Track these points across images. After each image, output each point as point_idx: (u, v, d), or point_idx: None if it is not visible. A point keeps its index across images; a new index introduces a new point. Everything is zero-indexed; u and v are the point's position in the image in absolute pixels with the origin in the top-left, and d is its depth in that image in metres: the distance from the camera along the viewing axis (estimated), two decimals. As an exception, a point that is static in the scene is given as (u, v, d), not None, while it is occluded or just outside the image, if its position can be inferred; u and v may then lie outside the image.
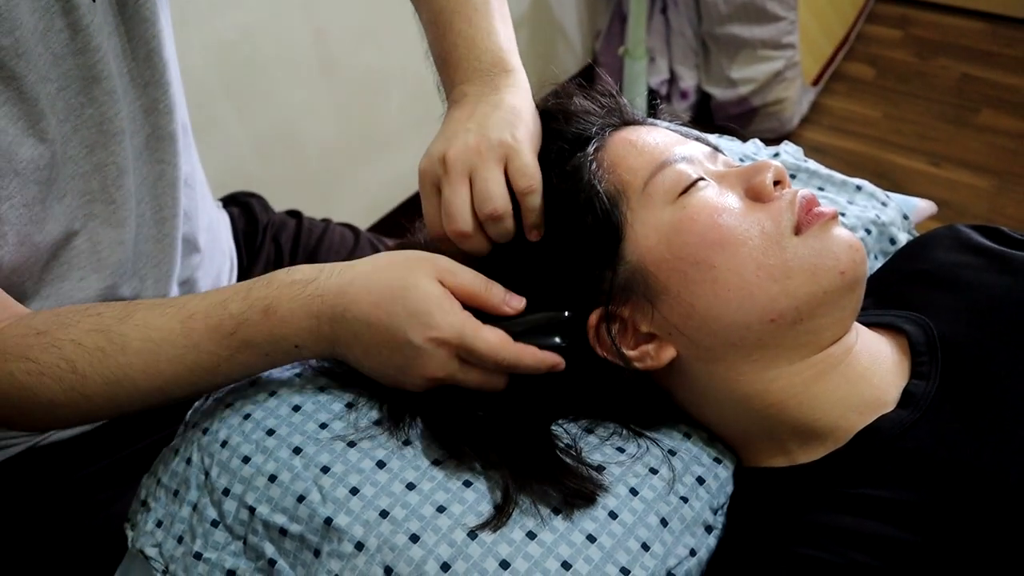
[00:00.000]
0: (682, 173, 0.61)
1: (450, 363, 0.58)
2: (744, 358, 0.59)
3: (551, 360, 0.60)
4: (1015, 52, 2.58)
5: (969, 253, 0.70)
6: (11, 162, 0.61)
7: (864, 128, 2.35)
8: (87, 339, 0.59)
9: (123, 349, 0.59)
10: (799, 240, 0.59)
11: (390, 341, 0.57)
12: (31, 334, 0.59)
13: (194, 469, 0.64)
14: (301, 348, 0.60)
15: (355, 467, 0.59)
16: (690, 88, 2.29)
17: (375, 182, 1.97)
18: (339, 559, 0.56)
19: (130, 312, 0.61)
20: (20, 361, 0.58)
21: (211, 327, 0.59)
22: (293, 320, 0.59)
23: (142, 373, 0.59)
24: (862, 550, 0.52)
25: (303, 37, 1.67)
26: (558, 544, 0.55)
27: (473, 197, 0.59)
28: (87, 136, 0.68)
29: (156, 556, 0.62)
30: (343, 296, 0.58)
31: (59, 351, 0.58)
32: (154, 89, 0.74)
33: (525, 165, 0.59)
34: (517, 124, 0.61)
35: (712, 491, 0.62)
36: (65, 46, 0.64)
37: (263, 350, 0.60)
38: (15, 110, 0.61)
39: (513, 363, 0.58)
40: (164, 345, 0.59)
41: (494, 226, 0.59)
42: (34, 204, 0.64)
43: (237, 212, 1.02)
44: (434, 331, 0.57)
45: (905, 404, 0.59)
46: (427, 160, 0.62)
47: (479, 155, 0.59)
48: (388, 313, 0.57)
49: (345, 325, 0.58)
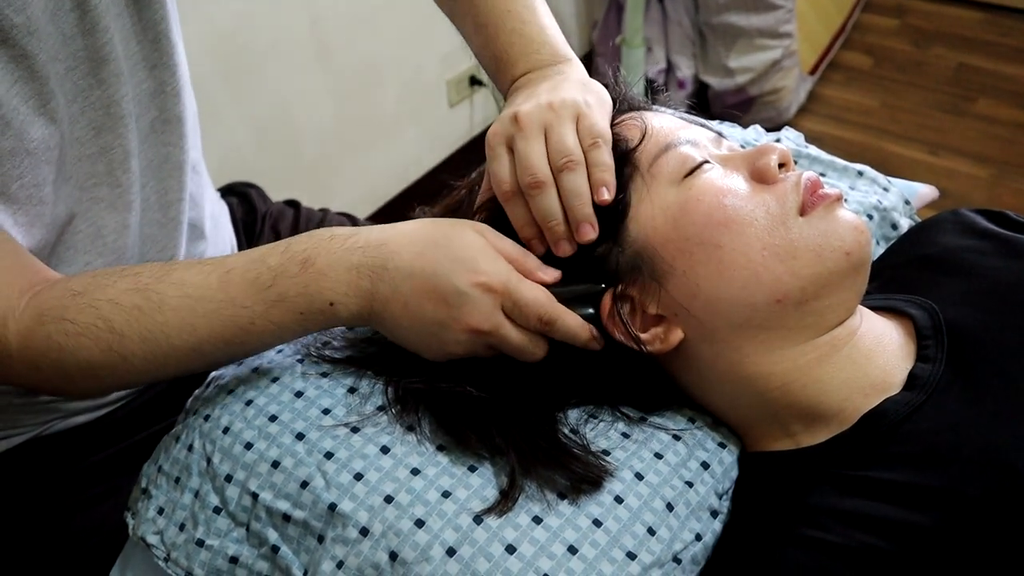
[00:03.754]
0: (687, 155, 0.61)
1: (495, 314, 0.57)
2: (749, 339, 0.59)
3: (590, 331, 0.60)
4: (1012, 41, 2.59)
5: (974, 237, 0.70)
6: (23, 141, 0.61)
7: (861, 117, 2.35)
8: (124, 298, 0.59)
9: (160, 307, 0.58)
10: (804, 221, 0.59)
11: (434, 291, 0.57)
12: (68, 295, 0.59)
13: (196, 456, 0.63)
14: (336, 305, 0.59)
15: (359, 452, 0.59)
16: (687, 78, 2.29)
17: (373, 171, 1.96)
18: (343, 545, 0.56)
19: (168, 271, 0.60)
20: (58, 323, 0.58)
21: (248, 280, 0.59)
22: (331, 273, 0.58)
23: (178, 330, 0.59)
24: (872, 532, 0.52)
25: (299, 25, 1.66)
26: (564, 529, 0.55)
27: (549, 151, 0.59)
28: (94, 118, 0.67)
29: (158, 544, 0.62)
30: (384, 247, 0.58)
31: (96, 311, 0.58)
32: (161, 71, 0.73)
33: (594, 123, 0.60)
34: (587, 91, 0.63)
35: (717, 476, 0.62)
36: (74, 26, 0.64)
37: (298, 307, 0.59)
38: (27, 89, 0.61)
39: (555, 320, 0.58)
40: (201, 301, 0.59)
41: (569, 177, 0.59)
42: (44, 185, 0.64)
43: (236, 202, 1.02)
44: (481, 275, 0.57)
45: (911, 387, 0.59)
46: (497, 123, 0.63)
47: (553, 112, 0.60)
48: (433, 261, 0.57)
49: (386, 277, 0.58)
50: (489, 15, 0.71)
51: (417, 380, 0.61)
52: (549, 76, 0.66)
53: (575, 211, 0.59)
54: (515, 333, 0.58)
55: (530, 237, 0.61)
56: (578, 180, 0.59)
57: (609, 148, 0.60)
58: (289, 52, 1.65)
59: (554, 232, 0.60)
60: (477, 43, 0.73)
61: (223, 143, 1.54)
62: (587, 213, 0.59)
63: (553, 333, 0.59)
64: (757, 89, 2.22)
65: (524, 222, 0.61)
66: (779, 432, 0.61)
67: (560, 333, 0.59)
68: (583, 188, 0.59)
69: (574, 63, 0.68)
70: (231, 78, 1.55)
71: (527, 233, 0.61)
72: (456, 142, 2.18)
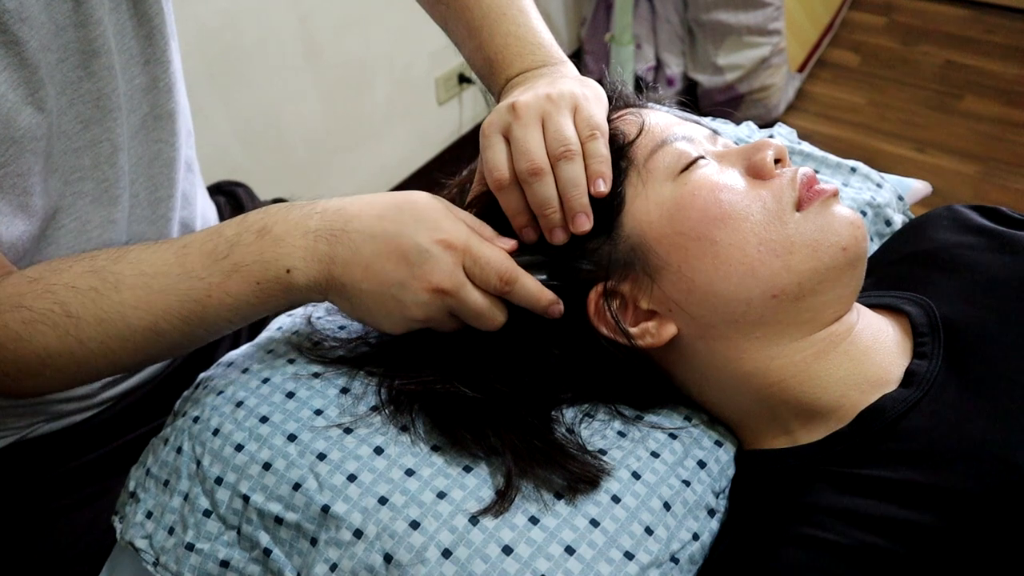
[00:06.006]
0: (683, 151, 0.61)
1: (457, 271, 0.57)
2: (745, 335, 0.59)
3: (551, 295, 0.60)
4: (998, 39, 2.60)
5: (969, 233, 0.69)
6: (9, 128, 0.60)
7: (849, 115, 2.36)
8: (81, 281, 0.58)
9: (116, 287, 0.58)
10: (801, 216, 0.58)
11: (395, 249, 0.57)
12: (24, 282, 0.58)
13: (185, 458, 0.62)
14: (293, 272, 0.58)
15: (352, 454, 0.58)
16: (676, 75, 2.28)
17: (361, 171, 1.95)
18: (337, 547, 0.55)
19: (125, 252, 0.60)
20: (14, 311, 0.57)
21: (205, 252, 0.58)
22: (288, 238, 0.58)
23: (134, 308, 0.58)
24: (870, 531, 0.52)
25: (287, 24, 1.65)
26: (561, 529, 0.55)
27: (547, 139, 0.59)
28: (82, 111, 0.67)
29: (146, 548, 0.61)
30: (343, 211, 0.59)
31: (53, 296, 0.57)
32: (155, 67, 0.73)
33: (592, 115, 0.60)
34: (585, 86, 0.63)
35: (714, 475, 0.61)
36: (67, 17, 0.63)
37: (254, 275, 0.58)
38: (15, 76, 0.60)
39: (515, 280, 0.58)
40: (157, 276, 0.58)
41: (567, 166, 0.59)
42: (28, 175, 0.63)
43: (223, 201, 1.01)
44: (443, 233, 0.57)
45: (908, 384, 0.58)
46: (494, 113, 0.62)
47: (551, 102, 0.60)
48: (394, 222, 0.57)
49: (345, 240, 0.58)
50: (484, 19, 0.71)
51: (411, 380, 0.61)
52: (545, 74, 0.66)
53: (571, 201, 0.58)
54: (476, 294, 0.58)
55: (523, 225, 0.61)
56: (576, 169, 0.59)
57: (606, 141, 0.60)
58: (277, 50, 1.64)
59: (550, 220, 0.59)
60: (470, 47, 0.73)
61: (210, 142, 1.53)
62: (583, 203, 0.59)
63: (513, 295, 0.59)
64: (746, 86, 2.22)
65: (518, 210, 0.60)
66: (776, 429, 0.61)
67: (519, 295, 0.59)
68: (581, 178, 0.59)
69: (569, 65, 0.69)
70: (218, 76, 1.54)
71: (520, 221, 0.61)
72: (445, 140, 2.17)
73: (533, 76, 0.66)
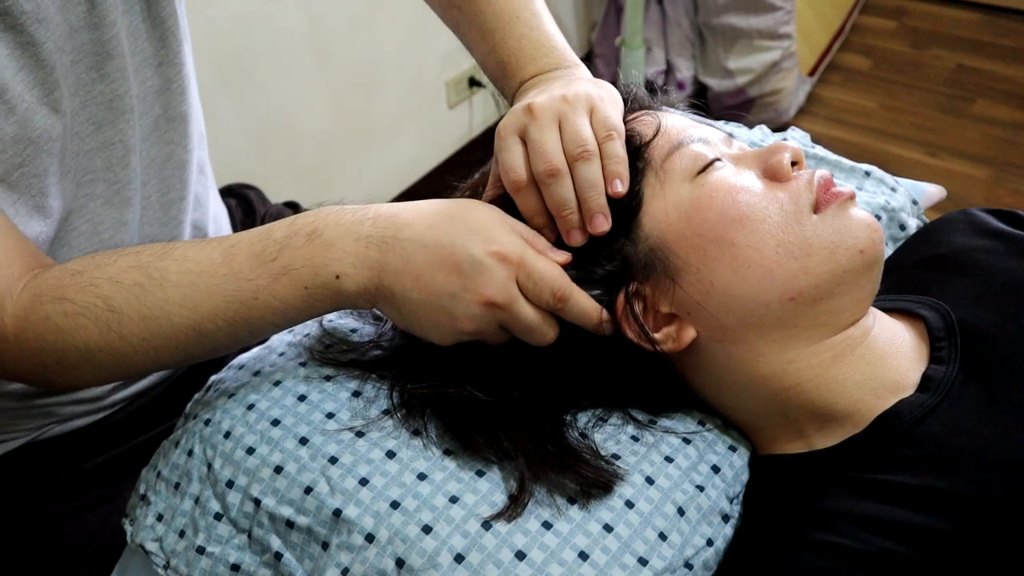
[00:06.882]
0: (699, 153, 0.61)
1: (510, 286, 0.56)
2: (762, 338, 0.58)
3: (604, 313, 0.59)
4: (1009, 42, 2.59)
5: (986, 237, 0.69)
6: (26, 129, 0.60)
7: (860, 119, 2.35)
8: (125, 276, 0.57)
9: (161, 284, 0.57)
10: (818, 218, 0.58)
11: (447, 260, 0.56)
12: (67, 275, 0.58)
13: (196, 461, 0.62)
14: (343, 278, 0.57)
15: (364, 457, 0.58)
16: (686, 79, 2.28)
17: (372, 173, 1.95)
18: (349, 551, 0.55)
19: (171, 248, 0.59)
20: (57, 303, 0.56)
21: (253, 254, 0.57)
22: (338, 243, 0.57)
23: (178, 307, 0.57)
24: (887, 537, 0.51)
25: (298, 27, 1.66)
26: (575, 534, 0.54)
27: (564, 140, 0.59)
28: (95, 112, 0.67)
29: (157, 551, 0.61)
30: (396, 219, 0.57)
31: (96, 289, 0.57)
32: (168, 69, 0.73)
33: (608, 116, 0.60)
34: (600, 88, 0.63)
35: (728, 479, 0.61)
36: (81, 19, 0.63)
37: (303, 279, 0.57)
38: (32, 77, 0.60)
39: (569, 297, 0.57)
40: (203, 275, 0.57)
41: (585, 167, 0.58)
42: (44, 176, 0.63)
43: (235, 204, 1.02)
44: (497, 244, 0.56)
45: (924, 389, 0.58)
46: (510, 115, 0.62)
47: (567, 103, 0.60)
48: (447, 232, 0.56)
49: (397, 248, 0.56)
50: (497, 22, 0.71)
51: (423, 384, 0.60)
52: (559, 76, 0.66)
53: (589, 202, 0.58)
54: (528, 309, 0.57)
55: (541, 226, 0.60)
56: (593, 170, 0.58)
57: (623, 141, 0.60)
58: (288, 53, 1.64)
59: (568, 221, 0.58)
60: (483, 50, 0.73)
61: (221, 144, 1.53)
62: (601, 204, 0.58)
63: (566, 312, 0.58)
64: (757, 90, 2.21)
65: (535, 211, 0.60)
66: (791, 434, 0.60)
67: (573, 312, 0.58)
68: (598, 179, 0.58)
69: (582, 67, 0.68)
70: (229, 79, 1.54)
71: (538, 222, 0.60)
72: (455, 143, 2.17)
73: (547, 79, 0.66)
